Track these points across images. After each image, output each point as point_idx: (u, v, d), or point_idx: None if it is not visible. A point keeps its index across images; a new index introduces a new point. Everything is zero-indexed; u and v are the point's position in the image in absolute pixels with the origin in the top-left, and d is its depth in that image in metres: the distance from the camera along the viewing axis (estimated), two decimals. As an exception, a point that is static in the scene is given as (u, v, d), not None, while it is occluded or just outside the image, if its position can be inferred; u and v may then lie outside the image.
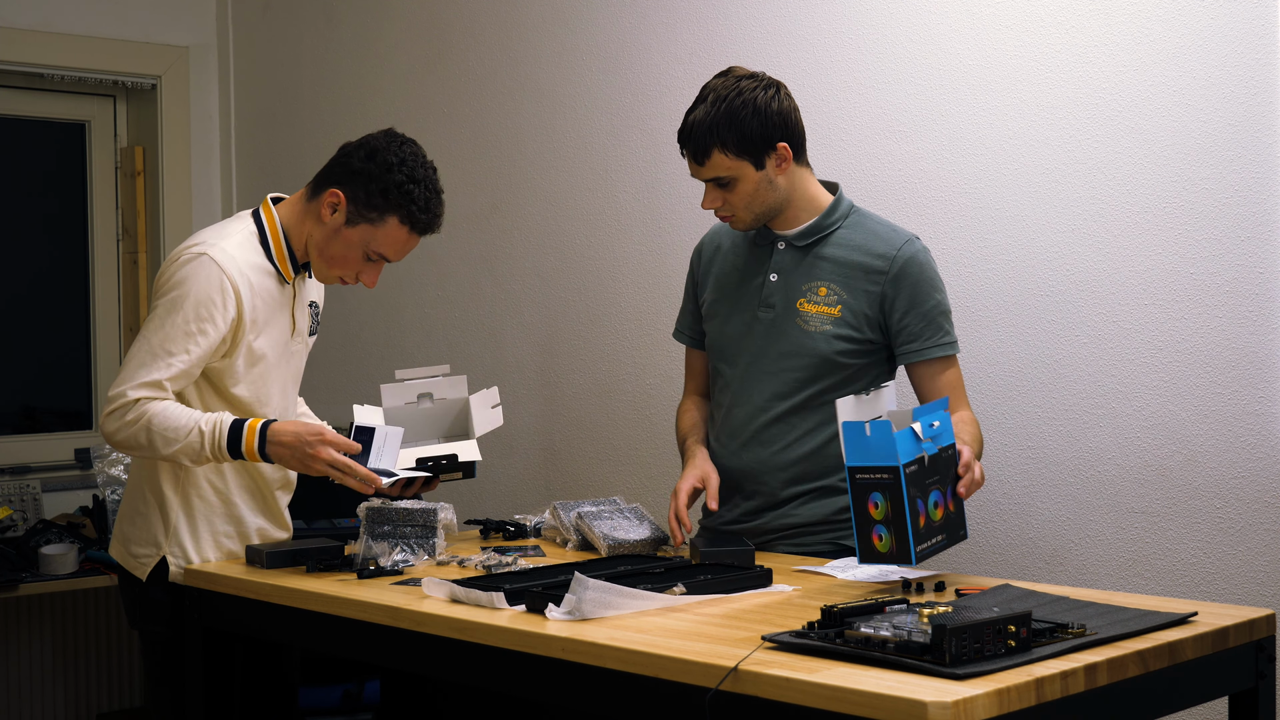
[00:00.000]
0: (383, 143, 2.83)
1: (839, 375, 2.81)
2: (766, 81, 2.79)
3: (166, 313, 2.75)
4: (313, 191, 2.85)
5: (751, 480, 2.88)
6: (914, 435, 2.32)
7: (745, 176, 2.77)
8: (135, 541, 2.87)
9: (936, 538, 2.34)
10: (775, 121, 2.76)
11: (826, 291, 2.82)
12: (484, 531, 3.17)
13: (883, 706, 1.80)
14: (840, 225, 2.86)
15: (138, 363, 2.74)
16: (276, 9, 4.97)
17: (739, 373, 2.89)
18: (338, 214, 2.81)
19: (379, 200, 2.79)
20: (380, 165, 2.79)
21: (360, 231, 2.81)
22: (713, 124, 2.74)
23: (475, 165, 4.35)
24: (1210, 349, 2.91)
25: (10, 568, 3.89)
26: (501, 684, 2.31)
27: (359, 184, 2.79)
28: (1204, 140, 2.90)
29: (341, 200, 2.80)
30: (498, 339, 4.30)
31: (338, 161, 2.85)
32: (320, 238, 2.83)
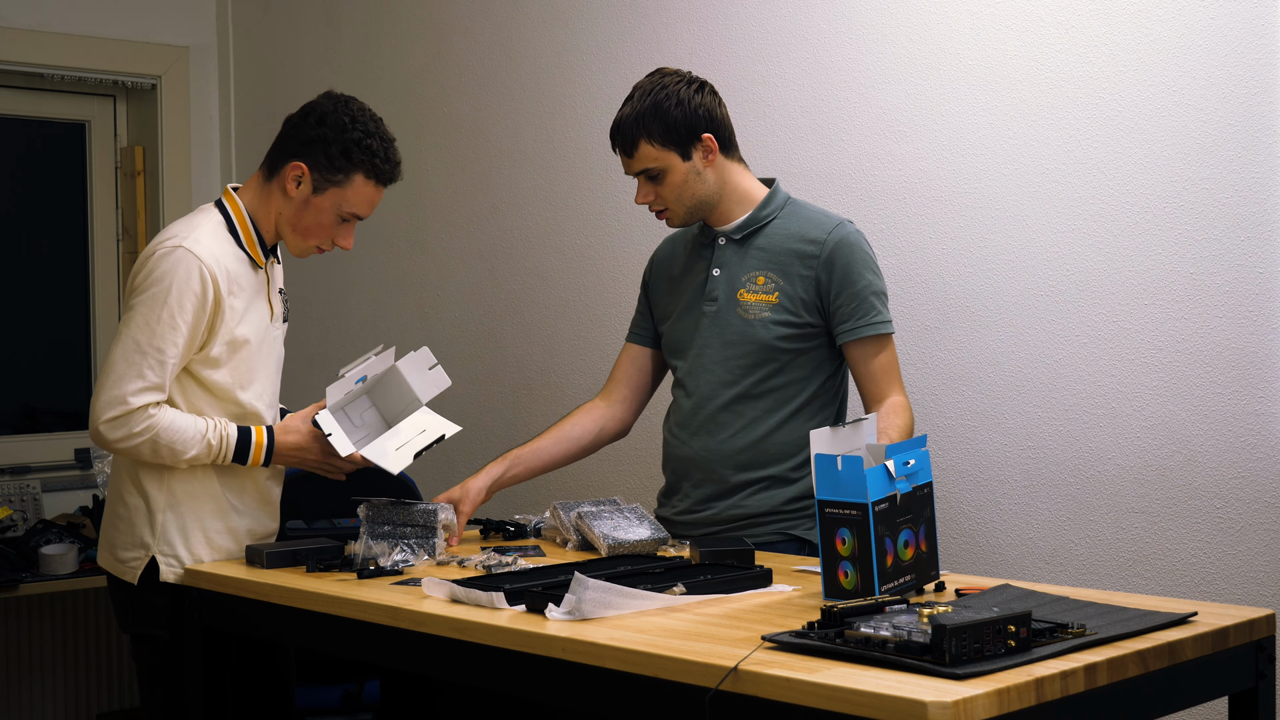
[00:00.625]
0: (329, 106, 2.85)
1: (781, 361, 2.90)
2: (690, 78, 2.92)
3: (150, 309, 2.73)
4: (270, 170, 2.86)
5: (700, 468, 2.96)
6: (887, 473, 2.30)
7: (673, 167, 2.88)
8: (121, 545, 2.85)
9: (905, 578, 2.33)
10: (700, 114, 2.88)
11: (764, 280, 2.91)
12: (484, 531, 3.17)
13: (883, 706, 1.80)
14: (775, 216, 2.95)
15: (128, 363, 2.73)
16: (276, 9, 4.97)
17: (687, 365, 3.00)
18: (303, 185, 2.82)
19: (342, 161, 2.81)
20: (334, 127, 2.81)
21: (330, 196, 2.83)
22: (638, 116, 2.87)
23: (475, 165, 4.35)
24: (1210, 349, 2.91)
25: (10, 568, 3.89)
26: (501, 684, 2.31)
27: (318, 151, 2.81)
28: (1204, 140, 2.90)
29: (305, 171, 2.81)
30: (497, 339, 4.30)
31: (288, 135, 2.85)
32: (290, 212, 2.84)
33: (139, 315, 2.74)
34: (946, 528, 3.23)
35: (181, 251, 2.74)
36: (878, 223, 3.38)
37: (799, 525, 2.91)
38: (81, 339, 4.97)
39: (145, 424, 2.72)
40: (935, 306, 3.30)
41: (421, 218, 4.54)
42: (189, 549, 2.84)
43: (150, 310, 2.73)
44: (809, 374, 2.91)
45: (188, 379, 2.81)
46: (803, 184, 3.49)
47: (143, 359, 2.72)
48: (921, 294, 3.32)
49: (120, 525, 2.85)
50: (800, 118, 3.53)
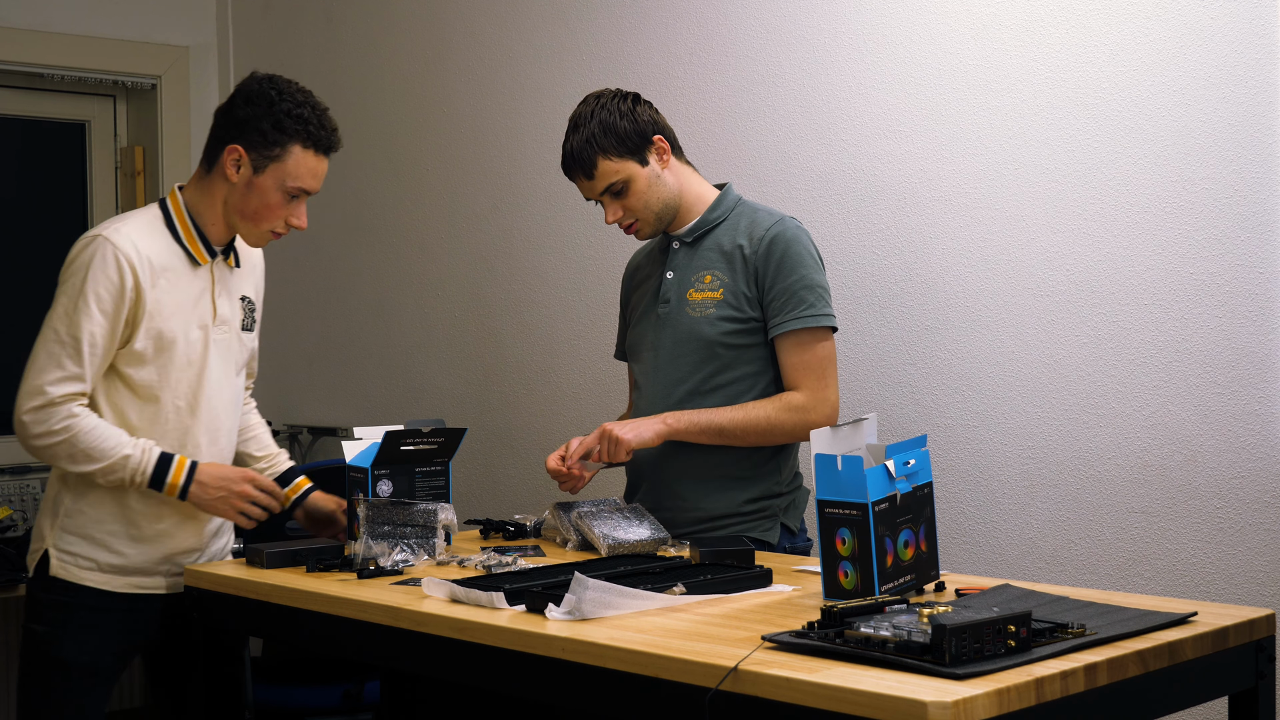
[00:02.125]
0: (255, 86, 2.80)
1: (727, 356, 2.93)
2: (623, 93, 3.01)
3: (68, 298, 2.71)
4: (208, 162, 2.82)
5: (655, 468, 3.00)
6: (887, 473, 2.30)
7: (635, 176, 2.94)
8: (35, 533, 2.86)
9: (905, 578, 2.33)
10: (644, 119, 2.96)
11: (711, 278, 2.96)
12: (484, 531, 3.17)
13: (883, 706, 1.80)
14: (725, 218, 3.00)
15: (48, 354, 2.71)
16: (276, 9, 4.97)
17: (645, 367, 3.04)
18: (243, 168, 2.77)
19: (276, 135, 2.76)
20: (263, 103, 2.77)
21: (272, 174, 2.77)
22: (589, 138, 2.93)
23: (475, 165, 4.35)
24: (1210, 349, 2.91)
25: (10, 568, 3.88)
26: (501, 684, 2.31)
27: (250, 130, 2.76)
28: (1204, 140, 2.90)
29: (241, 153, 2.77)
30: (498, 339, 4.30)
31: (218, 125, 2.81)
32: (236, 199, 2.79)
33: (59, 306, 2.73)
34: (946, 528, 3.23)
35: (100, 240, 2.72)
36: (878, 223, 3.38)
37: (757, 526, 2.94)
38: (81, 339, 4.97)
39: (64, 422, 2.70)
40: (935, 306, 3.30)
41: (421, 218, 4.54)
42: (84, 549, 2.80)
43: (68, 299, 2.71)
44: (758, 370, 2.93)
45: (113, 377, 2.77)
46: (803, 184, 3.49)
47: (61, 348, 2.70)
48: (921, 294, 3.32)
49: (43, 509, 2.85)
50: (800, 118, 3.53)
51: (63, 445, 2.70)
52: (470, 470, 4.32)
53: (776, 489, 2.96)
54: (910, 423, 3.31)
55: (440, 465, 3.08)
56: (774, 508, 2.95)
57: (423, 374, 4.54)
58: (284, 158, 2.78)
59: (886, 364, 3.38)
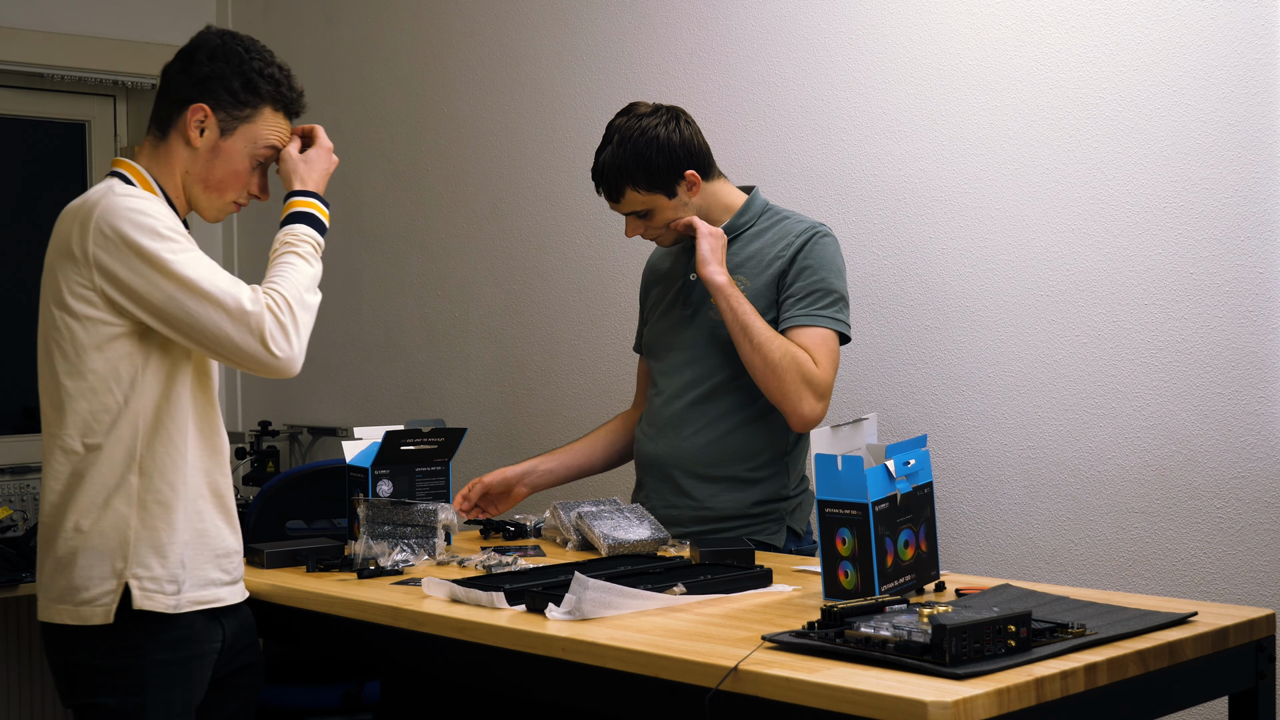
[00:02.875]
0: (217, 39, 2.50)
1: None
2: (667, 114, 2.94)
3: (160, 244, 2.34)
4: (162, 126, 2.49)
5: (665, 466, 3.01)
6: (887, 473, 2.31)
7: (660, 206, 2.94)
8: (80, 586, 2.36)
9: (905, 578, 2.33)
10: (679, 154, 2.91)
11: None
12: (484, 531, 3.17)
13: (883, 706, 1.80)
14: (753, 224, 3.01)
15: (213, 283, 2.33)
16: (276, 9, 4.97)
17: (665, 367, 3.05)
18: (208, 130, 2.46)
19: (246, 95, 2.48)
20: (231, 60, 2.48)
21: (241, 136, 2.49)
22: (621, 166, 2.90)
23: (475, 165, 4.35)
24: (1210, 349, 2.91)
25: (10, 568, 3.89)
26: (501, 684, 2.31)
27: (217, 87, 2.46)
28: (1204, 140, 2.90)
29: (208, 112, 2.46)
30: (498, 339, 4.30)
31: (175, 82, 2.49)
32: (199, 166, 2.48)
33: (162, 258, 2.34)
34: (946, 528, 3.23)
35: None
36: (878, 223, 3.38)
37: (763, 529, 2.95)
38: (81, 339, 4.97)
39: (270, 301, 2.36)
40: (935, 306, 3.30)
41: (421, 218, 4.54)
42: (181, 567, 2.41)
43: (163, 246, 2.35)
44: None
45: (183, 362, 2.44)
46: (803, 184, 3.49)
47: (210, 267, 2.36)
48: (921, 294, 3.32)
49: (78, 558, 2.36)
50: (800, 118, 3.53)
51: (300, 316, 2.39)
52: (470, 470, 4.32)
53: (784, 492, 2.96)
54: (910, 423, 3.31)
55: (440, 465, 3.08)
56: (781, 510, 2.96)
57: (423, 374, 4.54)
58: (255, 119, 2.50)
59: (886, 364, 3.37)
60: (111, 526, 2.37)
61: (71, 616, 2.36)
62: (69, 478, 2.42)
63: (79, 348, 2.46)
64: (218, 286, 2.34)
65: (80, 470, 2.41)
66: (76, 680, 2.39)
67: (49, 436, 2.51)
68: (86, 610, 2.35)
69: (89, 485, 2.39)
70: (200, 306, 2.34)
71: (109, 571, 2.36)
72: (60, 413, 2.50)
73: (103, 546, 2.36)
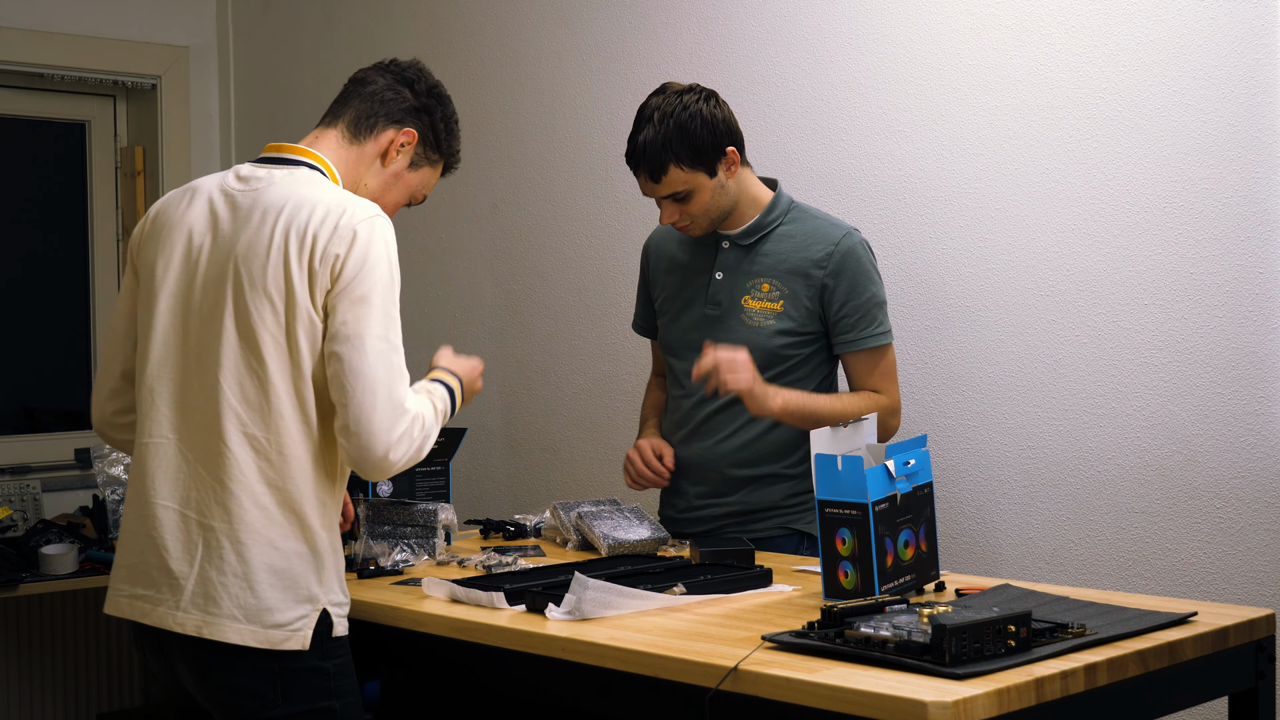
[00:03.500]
0: (433, 80, 2.52)
1: (782, 366, 2.93)
2: (705, 92, 2.90)
3: (385, 293, 2.25)
4: (360, 130, 2.44)
5: (697, 469, 3.00)
6: (887, 473, 2.31)
7: (701, 186, 2.88)
8: (276, 606, 2.24)
9: (905, 578, 2.33)
10: (722, 129, 2.87)
11: (769, 288, 2.94)
12: (484, 531, 3.17)
13: (883, 706, 1.80)
14: (781, 222, 2.98)
15: (389, 366, 2.24)
16: (276, 9, 4.97)
17: (686, 365, 3.00)
18: (402, 156, 2.46)
19: (444, 143, 2.51)
20: (445, 106, 2.52)
21: (420, 175, 2.50)
22: (665, 141, 2.83)
23: (475, 165, 4.35)
24: (1210, 349, 2.91)
25: (10, 568, 3.88)
26: (501, 684, 2.31)
27: (426, 122, 2.48)
28: (1204, 140, 2.90)
29: (414, 139, 2.46)
30: (498, 339, 4.30)
31: (389, 98, 2.46)
32: (378, 185, 2.46)
33: (375, 307, 2.24)
34: (946, 528, 3.23)
35: (381, 220, 2.30)
36: (878, 223, 3.38)
37: (800, 519, 2.95)
38: (81, 339, 4.97)
39: (417, 425, 2.28)
40: (935, 306, 3.30)
41: (421, 218, 4.53)
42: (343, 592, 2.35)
43: (384, 293, 2.26)
44: (805, 376, 2.94)
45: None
46: (803, 184, 3.49)
47: (396, 355, 2.26)
48: (921, 294, 3.32)
49: (275, 573, 2.25)
50: (800, 118, 3.53)
51: (419, 452, 2.30)
52: (470, 470, 4.32)
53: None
54: (910, 423, 3.31)
55: (440, 465, 3.08)
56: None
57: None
58: (434, 167, 2.52)
59: (886, 364, 3.37)
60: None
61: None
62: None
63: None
64: (391, 364, 2.25)
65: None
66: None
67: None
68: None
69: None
70: (371, 359, 2.24)
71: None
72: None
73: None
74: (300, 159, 2.38)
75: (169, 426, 2.29)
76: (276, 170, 2.36)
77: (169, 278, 2.32)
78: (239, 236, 2.28)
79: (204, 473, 2.25)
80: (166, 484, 2.28)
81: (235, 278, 2.26)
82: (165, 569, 2.26)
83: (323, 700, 2.26)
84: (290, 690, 2.24)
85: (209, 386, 2.26)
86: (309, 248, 2.23)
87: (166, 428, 2.29)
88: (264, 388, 2.24)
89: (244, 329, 2.24)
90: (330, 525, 2.30)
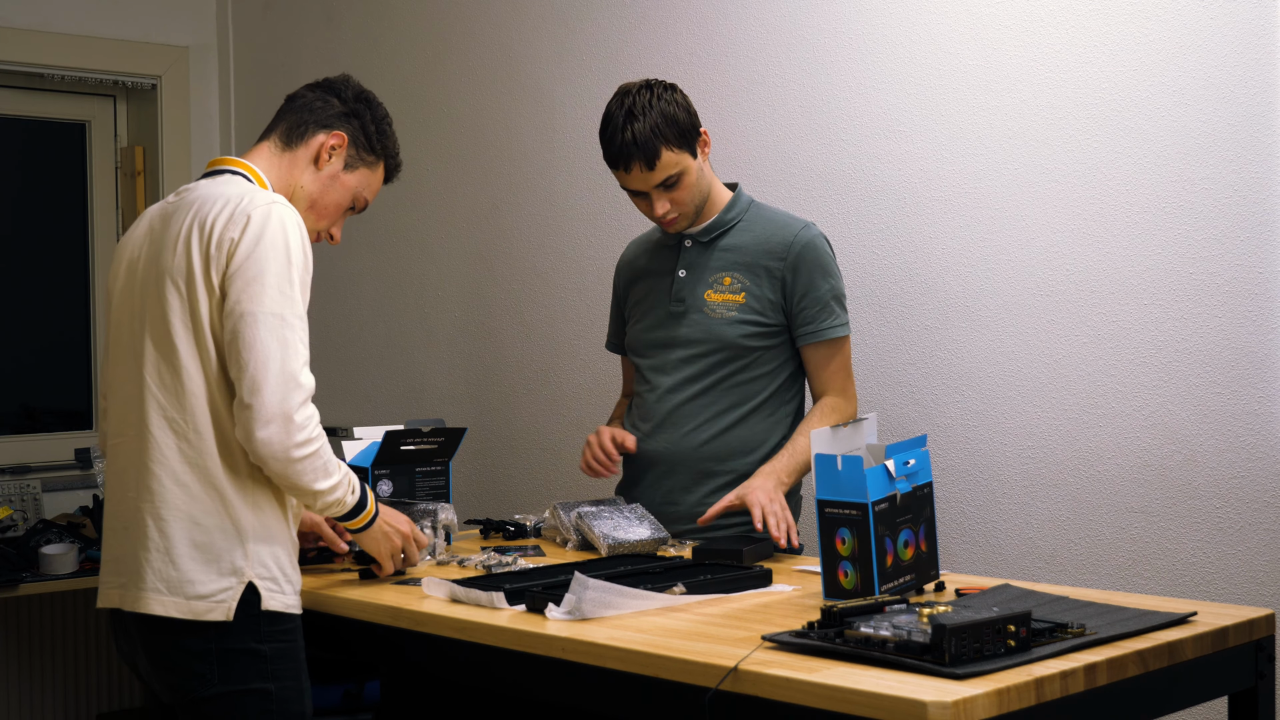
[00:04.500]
0: (359, 88, 2.64)
1: (747, 359, 2.97)
2: (665, 84, 2.98)
3: (280, 274, 2.32)
4: (292, 138, 2.56)
5: (663, 463, 3.02)
6: (887, 473, 2.31)
7: (688, 168, 2.95)
8: (198, 579, 2.32)
9: (905, 578, 2.33)
10: (693, 111, 2.97)
11: (731, 281, 2.99)
12: (484, 531, 3.17)
13: (883, 706, 1.80)
14: (740, 219, 3.03)
15: (282, 340, 2.30)
16: (276, 9, 4.97)
17: (655, 363, 3.06)
18: (334, 159, 2.57)
19: (377, 143, 2.61)
20: (374, 108, 2.63)
21: (358, 176, 2.60)
22: (653, 128, 2.90)
23: (475, 165, 4.35)
24: (1210, 349, 2.91)
25: (10, 568, 3.89)
26: (501, 684, 2.31)
27: (356, 125, 2.59)
28: (1204, 140, 2.90)
29: (345, 142, 2.57)
30: (497, 339, 4.30)
31: (316, 105, 2.59)
32: (315, 188, 2.56)
33: (269, 285, 2.32)
34: (946, 528, 3.23)
35: (282, 208, 2.38)
36: (878, 223, 3.38)
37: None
38: (81, 339, 4.97)
39: (317, 421, 2.35)
40: (935, 306, 3.30)
41: (421, 218, 4.54)
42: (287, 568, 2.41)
43: (278, 275, 2.33)
44: (771, 371, 2.98)
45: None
46: (803, 184, 3.49)
47: (293, 332, 2.32)
48: (921, 294, 3.32)
49: (196, 545, 2.33)
50: (800, 118, 3.53)
51: (319, 452, 2.35)
52: (470, 470, 4.32)
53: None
54: (910, 423, 3.31)
55: (440, 465, 3.08)
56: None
57: (423, 374, 4.54)
58: (372, 169, 2.62)
59: (886, 364, 3.38)
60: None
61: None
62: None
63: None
64: (285, 339, 2.32)
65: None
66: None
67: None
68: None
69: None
70: (259, 331, 2.31)
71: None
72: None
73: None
74: (229, 168, 2.53)
75: (121, 424, 2.45)
76: (204, 181, 2.51)
77: (117, 293, 2.50)
78: (161, 239, 2.44)
79: (137, 460, 2.39)
80: (122, 477, 2.43)
81: (156, 275, 2.40)
82: (126, 554, 2.40)
83: (258, 682, 2.34)
84: (227, 670, 2.33)
85: (137, 379, 2.40)
86: (207, 234, 2.36)
87: (120, 425, 2.45)
88: (177, 373, 2.36)
89: (158, 319, 2.38)
90: (255, 503, 2.36)
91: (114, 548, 2.44)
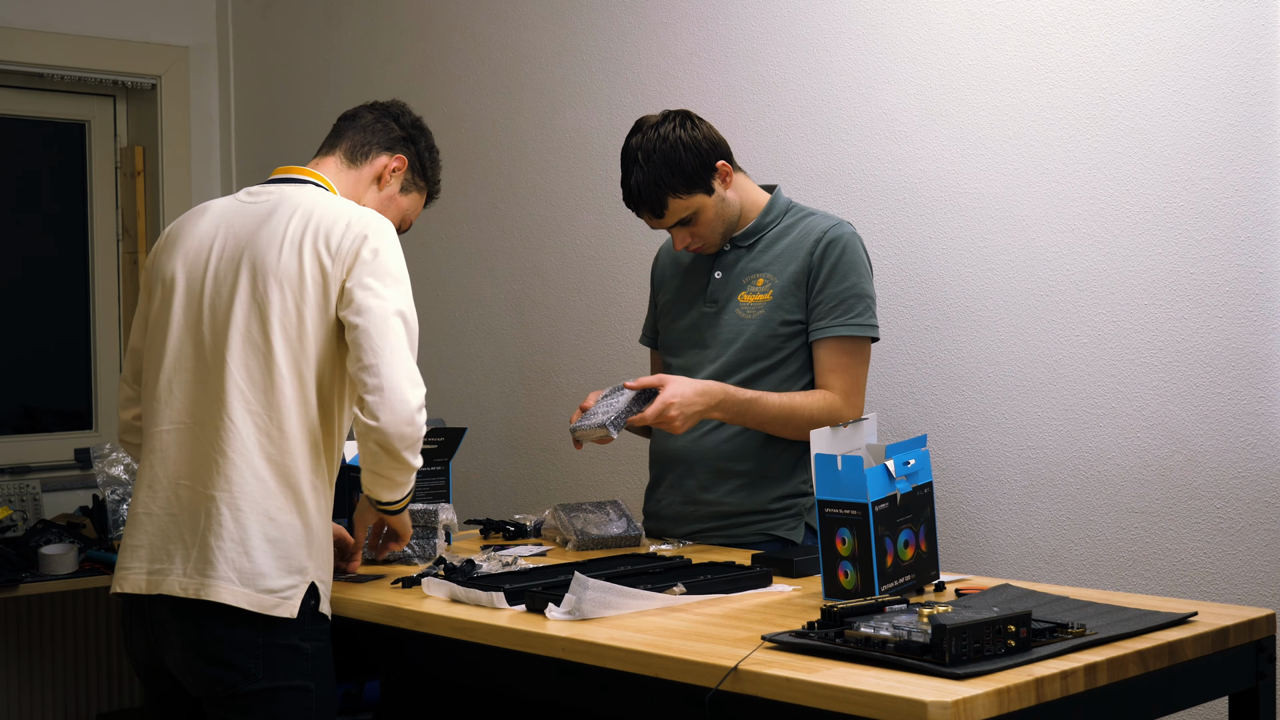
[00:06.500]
0: (412, 112, 2.77)
1: (773, 358, 2.94)
2: (679, 117, 2.94)
3: (398, 277, 2.46)
4: (356, 156, 2.67)
5: (682, 463, 3.00)
6: (887, 473, 2.31)
7: (703, 207, 2.93)
8: (269, 573, 2.37)
9: (905, 578, 2.33)
10: (706, 148, 2.91)
11: (763, 282, 2.96)
12: (484, 531, 3.17)
13: (883, 706, 1.80)
14: (779, 222, 3.01)
15: (399, 342, 2.42)
16: (276, 9, 4.97)
17: (682, 362, 3.04)
18: (394, 182, 2.70)
19: (429, 170, 2.75)
20: (426, 136, 2.76)
21: (410, 199, 2.74)
22: (656, 179, 2.88)
23: (475, 165, 4.35)
24: (1210, 349, 2.91)
25: (10, 568, 3.88)
26: (501, 684, 2.31)
27: (413, 151, 2.72)
28: (1204, 140, 2.90)
29: (404, 165, 2.70)
30: (498, 339, 4.30)
31: (378, 128, 2.70)
32: (375, 205, 2.67)
33: (389, 285, 2.44)
34: (946, 528, 3.23)
35: (385, 219, 2.54)
36: (878, 223, 3.38)
37: (782, 525, 2.94)
38: (81, 339, 4.97)
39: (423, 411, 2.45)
40: (935, 306, 3.30)
41: (422, 218, 4.52)
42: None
43: (397, 277, 2.48)
44: (795, 372, 2.95)
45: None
46: (803, 184, 3.49)
47: (410, 336, 2.46)
48: (921, 294, 3.32)
49: (269, 539, 2.38)
50: (800, 118, 3.53)
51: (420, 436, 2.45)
52: (470, 470, 4.32)
53: (804, 488, 2.95)
54: (910, 423, 3.31)
55: (440, 465, 3.08)
56: (799, 506, 2.95)
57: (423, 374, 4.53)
58: (421, 193, 2.76)
59: (886, 364, 3.37)
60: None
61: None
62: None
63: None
64: (403, 343, 2.45)
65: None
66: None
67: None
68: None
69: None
70: (383, 329, 2.43)
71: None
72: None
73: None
74: (305, 178, 2.60)
75: (185, 412, 2.44)
76: (285, 186, 2.57)
77: (184, 278, 2.50)
78: (252, 234, 2.47)
79: (209, 447, 2.40)
80: (185, 464, 2.42)
81: (250, 270, 2.44)
82: (181, 540, 2.39)
83: (300, 679, 2.39)
84: (272, 665, 2.36)
85: (218, 368, 2.41)
86: (324, 241, 2.44)
87: (183, 413, 2.44)
88: (269, 369, 2.40)
89: (255, 315, 2.41)
90: (321, 507, 2.44)
91: (154, 534, 2.41)
